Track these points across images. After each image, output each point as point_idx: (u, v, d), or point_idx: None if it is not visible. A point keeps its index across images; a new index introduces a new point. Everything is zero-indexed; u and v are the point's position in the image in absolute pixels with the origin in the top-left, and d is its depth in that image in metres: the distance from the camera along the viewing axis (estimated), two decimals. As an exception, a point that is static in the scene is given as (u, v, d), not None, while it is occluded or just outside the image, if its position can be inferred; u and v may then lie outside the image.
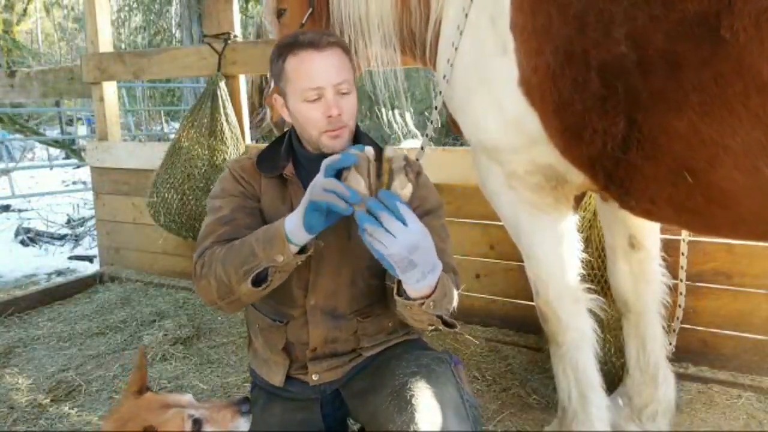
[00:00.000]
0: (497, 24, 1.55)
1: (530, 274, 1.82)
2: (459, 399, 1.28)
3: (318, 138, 1.40)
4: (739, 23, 1.12)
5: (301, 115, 1.40)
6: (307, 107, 1.38)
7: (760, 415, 2.19)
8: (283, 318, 1.48)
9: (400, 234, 1.10)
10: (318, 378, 1.47)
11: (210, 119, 3.35)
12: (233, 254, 1.30)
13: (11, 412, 2.38)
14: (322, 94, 1.36)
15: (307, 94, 1.36)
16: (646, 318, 1.98)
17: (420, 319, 1.29)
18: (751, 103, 1.15)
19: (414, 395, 1.24)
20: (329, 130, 1.38)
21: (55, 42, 24.13)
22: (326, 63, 1.36)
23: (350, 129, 1.42)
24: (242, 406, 1.17)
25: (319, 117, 1.37)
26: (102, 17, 4.06)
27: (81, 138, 12.24)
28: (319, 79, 1.35)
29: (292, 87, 1.39)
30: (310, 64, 1.36)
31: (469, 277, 3.02)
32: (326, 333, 1.46)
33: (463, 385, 1.34)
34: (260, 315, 1.53)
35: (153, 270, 4.04)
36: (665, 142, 1.29)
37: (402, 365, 1.37)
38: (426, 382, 1.28)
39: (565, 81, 1.40)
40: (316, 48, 1.36)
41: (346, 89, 1.39)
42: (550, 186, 1.67)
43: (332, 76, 1.36)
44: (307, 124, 1.40)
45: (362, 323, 1.49)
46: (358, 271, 1.45)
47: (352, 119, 1.42)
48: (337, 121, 1.37)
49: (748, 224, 1.35)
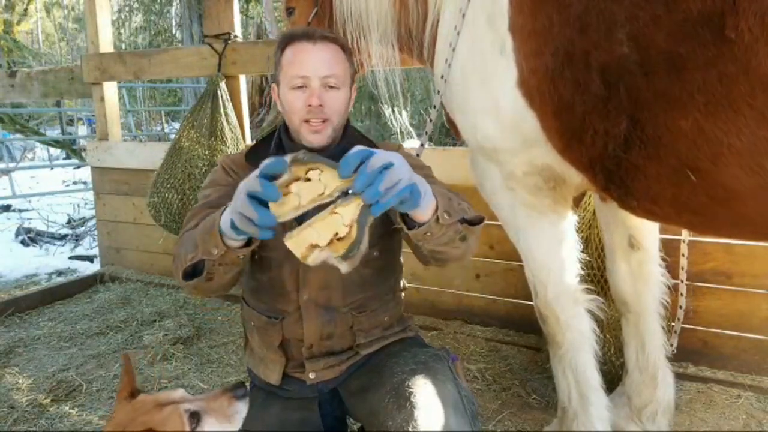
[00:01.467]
0: (495, 24, 1.55)
1: (529, 274, 1.82)
2: (457, 395, 1.29)
3: (299, 128, 1.43)
4: (744, 23, 1.12)
5: (287, 102, 1.44)
6: (293, 95, 1.42)
7: (760, 415, 2.19)
8: (277, 315, 1.49)
9: (396, 164, 1.06)
10: (315, 377, 1.47)
11: (210, 119, 3.36)
12: (186, 241, 1.31)
13: (11, 412, 2.38)
14: (307, 83, 1.40)
15: (294, 81, 1.41)
16: (646, 318, 1.98)
17: (446, 239, 1.24)
18: (757, 102, 1.15)
19: (413, 393, 1.24)
20: (309, 121, 1.41)
21: (55, 42, 24.16)
22: (317, 55, 1.41)
23: (333, 125, 1.44)
24: (237, 390, 1.16)
25: (300, 105, 1.41)
26: (102, 17, 4.07)
27: (81, 138, 12.25)
28: (306, 68, 1.40)
29: (283, 75, 1.44)
30: (300, 54, 1.42)
31: (469, 277, 3.02)
32: (321, 328, 1.46)
33: (460, 381, 1.35)
34: (255, 313, 1.53)
35: (153, 270, 4.04)
36: (669, 142, 1.29)
37: (400, 363, 1.37)
38: (424, 379, 1.28)
39: (565, 82, 1.40)
40: (310, 40, 1.42)
41: (335, 84, 1.42)
42: (549, 187, 1.67)
43: (320, 67, 1.40)
44: (290, 112, 1.44)
45: (357, 317, 1.48)
46: None
47: (336, 115, 1.44)
48: (318, 111, 1.40)
49: (754, 224, 1.34)
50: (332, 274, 1.43)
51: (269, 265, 1.47)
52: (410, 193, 1.08)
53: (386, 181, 1.02)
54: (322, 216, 1.05)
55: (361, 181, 1.02)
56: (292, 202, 1.06)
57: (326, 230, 1.05)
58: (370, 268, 1.47)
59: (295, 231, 1.06)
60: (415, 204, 1.12)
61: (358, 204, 1.04)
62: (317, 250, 1.06)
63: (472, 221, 1.29)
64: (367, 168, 1.03)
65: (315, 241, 1.05)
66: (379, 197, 1.02)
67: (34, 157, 13.11)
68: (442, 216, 1.19)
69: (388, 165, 1.04)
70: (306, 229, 1.05)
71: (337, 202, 1.06)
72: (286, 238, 1.06)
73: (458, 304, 3.08)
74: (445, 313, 3.10)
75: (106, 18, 4.16)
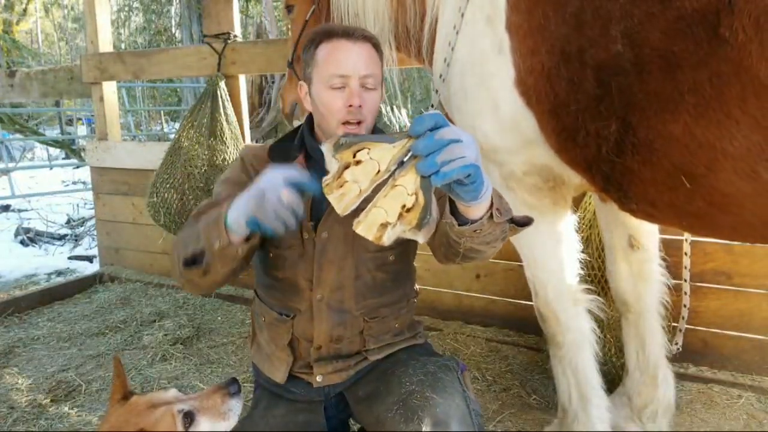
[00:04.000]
0: (493, 23, 1.55)
1: (529, 275, 1.81)
2: (465, 409, 1.26)
3: (335, 128, 1.38)
4: (738, 23, 1.11)
5: (323, 102, 1.39)
6: (331, 94, 1.37)
7: (760, 415, 2.19)
8: (289, 312, 1.48)
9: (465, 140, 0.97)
10: (322, 380, 1.46)
11: (210, 119, 3.35)
12: (188, 231, 1.30)
13: (11, 412, 2.38)
14: (347, 83, 1.36)
15: (333, 81, 1.36)
16: (646, 318, 1.98)
17: (491, 238, 1.17)
18: (749, 106, 1.13)
19: (420, 406, 1.23)
20: (347, 122, 1.37)
21: (54, 42, 24.15)
22: (357, 54, 1.37)
23: (367, 126, 1.41)
24: (230, 387, 1.15)
25: (340, 106, 1.36)
26: (102, 17, 4.07)
27: (81, 138, 12.25)
28: (347, 67, 1.36)
29: (319, 72, 1.39)
30: (341, 52, 1.37)
31: (469, 277, 3.02)
32: (331, 329, 1.45)
33: (468, 393, 1.32)
34: (267, 308, 1.52)
35: (153, 270, 4.04)
36: (661, 147, 1.27)
37: (408, 372, 1.35)
38: (432, 392, 1.26)
39: (561, 81, 1.39)
40: (350, 38, 1.37)
41: (372, 85, 1.39)
42: (548, 187, 1.67)
43: (360, 67, 1.36)
44: (327, 112, 1.38)
45: (368, 323, 1.47)
46: (362, 263, 1.44)
47: (371, 115, 1.40)
48: (357, 112, 1.36)
49: (754, 227, 1.33)
50: (345, 275, 1.43)
51: (284, 264, 1.45)
52: (473, 176, 0.99)
53: (446, 152, 0.94)
54: (384, 192, 0.99)
55: (423, 145, 0.96)
56: (352, 191, 1.00)
57: (393, 205, 0.99)
58: (384, 272, 1.46)
59: (361, 216, 1.00)
60: (476, 192, 1.02)
61: (416, 170, 0.98)
62: (389, 228, 0.99)
63: (519, 222, 1.22)
64: (435, 135, 0.96)
65: (384, 220, 0.99)
66: (434, 170, 0.95)
67: (34, 157, 13.11)
68: (496, 214, 1.11)
69: (456, 140, 0.96)
70: (372, 210, 0.99)
71: (396, 174, 0.99)
72: (355, 226, 1.00)
73: (458, 304, 3.07)
74: (445, 313, 3.10)
75: (106, 17, 4.15)
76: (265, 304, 1.53)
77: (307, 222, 1.42)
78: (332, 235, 1.41)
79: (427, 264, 3.08)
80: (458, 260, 1.28)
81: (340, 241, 1.42)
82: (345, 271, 1.43)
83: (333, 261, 1.43)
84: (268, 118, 8.04)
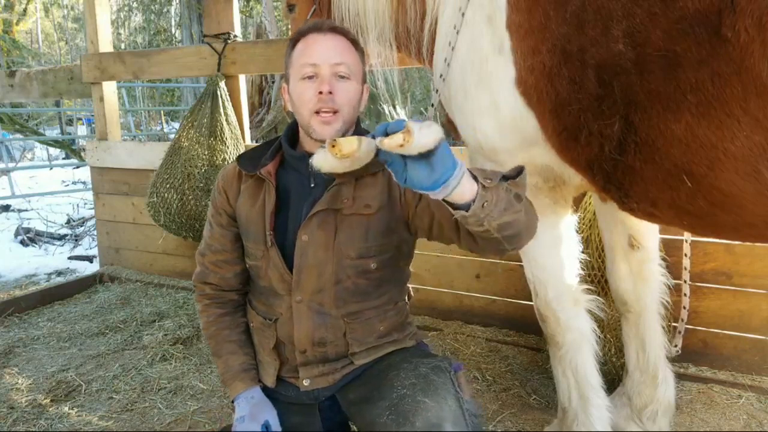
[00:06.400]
0: (494, 23, 1.54)
1: (529, 275, 1.81)
2: (459, 411, 1.24)
3: (309, 120, 1.39)
4: (740, 23, 1.11)
5: (296, 95, 1.41)
6: (303, 85, 1.38)
7: (760, 415, 2.19)
8: (272, 316, 1.49)
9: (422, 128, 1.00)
10: (309, 383, 1.45)
11: (210, 119, 3.35)
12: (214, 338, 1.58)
13: (11, 412, 2.38)
14: (317, 72, 1.37)
15: (304, 70, 1.38)
16: (646, 318, 1.97)
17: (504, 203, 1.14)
18: (750, 105, 1.13)
19: (412, 410, 1.21)
20: (320, 111, 1.37)
21: (54, 42, 24.15)
22: (326, 44, 1.39)
23: (344, 118, 1.40)
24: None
25: (311, 95, 1.36)
26: (102, 17, 4.07)
27: (81, 138, 12.25)
28: (316, 56, 1.38)
29: (293, 68, 1.42)
30: (311, 44, 1.40)
31: (469, 277, 3.02)
32: (312, 331, 1.43)
33: (462, 394, 1.30)
34: (254, 314, 1.54)
35: (153, 270, 4.04)
36: (663, 146, 1.27)
37: (400, 376, 1.33)
38: (424, 396, 1.24)
39: (562, 80, 1.39)
40: (319, 31, 1.41)
41: (345, 73, 1.39)
42: (548, 187, 1.66)
43: (331, 55, 1.38)
44: (300, 104, 1.40)
45: (350, 324, 1.44)
46: (342, 270, 1.42)
47: (347, 107, 1.40)
48: (328, 100, 1.36)
49: (755, 227, 1.32)
50: (325, 280, 1.42)
51: (259, 273, 1.49)
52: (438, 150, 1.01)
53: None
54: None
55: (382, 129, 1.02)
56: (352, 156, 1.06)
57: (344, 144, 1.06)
58: (366, 279, 1.44)
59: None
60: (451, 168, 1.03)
61: None
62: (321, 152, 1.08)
63: (511, 176, 1.17)
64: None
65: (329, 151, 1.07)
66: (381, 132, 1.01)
67: (34, 157, 13.12)
68: (485, 181, 1.10)
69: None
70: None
71: None
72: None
73: (458, 304, 3.07)
74: (445, 313, 3.10)
75: (106, 17, 4.15)
76: (253, 309, 1.56)
77: (269, 232, 1.44)
78: (312, 240, 1.40)
79: (427, 264, 3.08)
80: (506, 245, 1.23)
81: (320, 246, 1.41)
82: (325, 276, 1.42)
83: (313, 266, 1.41)
84: (268, 118, 8.05)
